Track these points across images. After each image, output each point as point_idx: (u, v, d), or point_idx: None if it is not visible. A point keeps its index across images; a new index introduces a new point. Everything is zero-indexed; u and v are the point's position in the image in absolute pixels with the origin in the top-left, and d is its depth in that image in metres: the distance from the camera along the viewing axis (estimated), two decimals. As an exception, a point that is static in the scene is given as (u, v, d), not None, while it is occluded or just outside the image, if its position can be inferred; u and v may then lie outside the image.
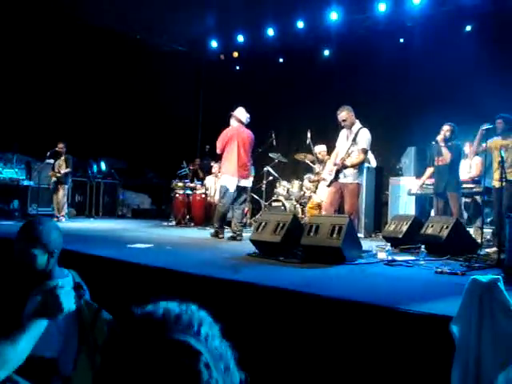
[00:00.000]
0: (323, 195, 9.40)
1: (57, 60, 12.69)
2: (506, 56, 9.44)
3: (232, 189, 8.28)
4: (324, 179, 9.55)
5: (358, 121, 7.17)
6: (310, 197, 9.99)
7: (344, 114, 7.09)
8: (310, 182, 10.27)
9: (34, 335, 1.94)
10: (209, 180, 11.75)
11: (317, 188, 9.88)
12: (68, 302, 2.06)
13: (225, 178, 8.38)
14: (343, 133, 7.31)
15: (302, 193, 10.33)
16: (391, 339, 3.15)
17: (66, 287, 2.13)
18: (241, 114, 8.61)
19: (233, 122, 8.58)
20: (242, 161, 8.31)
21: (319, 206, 9.34)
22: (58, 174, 11.14)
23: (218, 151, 8.51)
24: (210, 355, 0.92)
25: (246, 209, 10.88)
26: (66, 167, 11.17)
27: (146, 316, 1.00)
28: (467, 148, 8.66)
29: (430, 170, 8.26)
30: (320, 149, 10.06)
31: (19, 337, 1.91)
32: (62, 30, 12.33)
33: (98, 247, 6.19)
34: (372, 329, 3.27)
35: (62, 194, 11.13)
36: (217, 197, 11.59)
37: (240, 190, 8.47)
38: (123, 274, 4.95)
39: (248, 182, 8.78)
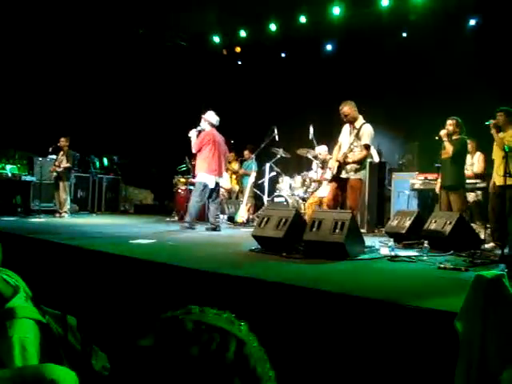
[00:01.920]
0: (324, 193, 9.39)
1: (59, 55, 12.68)
2: (508, 51, 9.41)
3: (211, 185, 8.98)
4: (326, 179, 9.56)
5: (361, 116, 7.14)
6: (312, 192, 9.95)
7: (346, 108, 7.05)
8: (312, 181, 10.23)
9: None
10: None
11: (319, 187, 9.86)
12: None
13: (204, 175, 8.93)
14: (346, 128, 7.27)
15: (305, 188, 10.31)
16: (394, 335, 3.14)
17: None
18: (212, 117, 9.22)
19: (205, 125, 9.16)
20: (220, 160, 9.12)
21: (320, 202, 9.31)
22: (58, 169, 11.12)
23: (194, 151, 9.09)
24: None
25: (249, 204, 10.88)
26: (67, 162, 11.15)
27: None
28: (470, 144, 8.62)
29: None
30: (321, 149, 10.02)
31: None
32: (65, 25, 12.30)
33: (100, 243, 6.19)
34: (375, 324, 3.26)
35: (62, 190, 11.11)
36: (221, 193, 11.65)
37: (216, 186, 9.20)
38: (125, 270, 4.95)
39: (222, 180, 9.81)
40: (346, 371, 3.22)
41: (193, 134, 9.08)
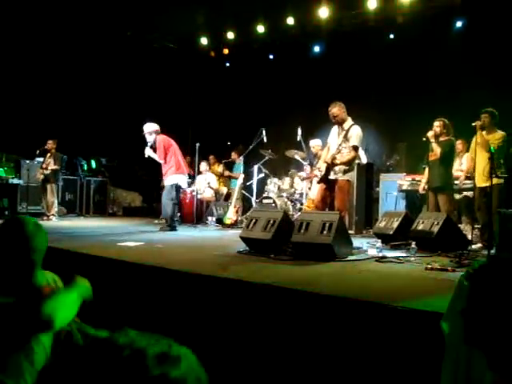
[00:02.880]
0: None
1: (46, 58, 12.60)
2: (495, 52, 9.48)
3: (184, 184, 9.38)
4: (316, 175, 9.56)
5: (349, 118, 7.15)
6: (306, 194, 9.95)
7: (335, 110, 7.06)
8: (301, 180, 10.26)
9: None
10: (198, 178, 11.76)
11: (311, 184, 9.87)
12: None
13: (177, 177, 9.01)
14: (334, 129, 7.28)
15: (293, 190, 10.32)
16: (382, 336, 3.15)
17: None
18: (153, 126, 9.19)
19: (152, 137, 9.08)
20: (182, 158, 9.31)
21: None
22: (46, 171, 11.05)
23: (161, 159, 8.98)
24: None
25: (238, 206, 10.88)
26: (55, 164, 11.07)
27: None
28: (460, 145, 8.67)
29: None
30: (315, 143, 10.02)
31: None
32: (52, 27, 12.23)
33: (88, 246, 6.16)
34: (363, 325, 3.26)
35: (50, 193, 11.04)
36: (207, 194, 11.64)
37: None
38: (113, 273, 4.93)
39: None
40: (335, 372, 3.23)
41: (148, 151, 9.02)
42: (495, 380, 1.59)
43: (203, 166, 12.00)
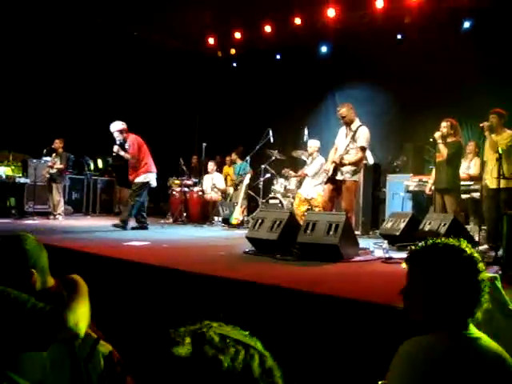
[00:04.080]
0: (308, 191, 9.37)
1: (54, 57, 12.63)
2: (504, 53, 9.43)
3: (154, 183, 9.20)
4: (306, 175, 9.54)
5: (357, 118, 7.16)
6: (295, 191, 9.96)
7: (344, 110, 7.07)
8: (291, 176, 10.25)
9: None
10: (205, 178, 11.77)
11: (300, 184, 9.85)
12: None
13: (149, 175, 9.01)
14: (342, 130, 7.29)
15: (284, 186, 10.33)
16: (389, 337, 3.13)
17: None
18: (122, 124, 9.07)
19: (121, 135, 8.99)
20: (151, 157, 9.24)
21: (307, 201, 9.30)
22: (51, 170, 11.05)
23: (133, 158, 8.96)
24: None
25: (244, 206, 10.88)
26: (61, 163, 11.08)
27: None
28: (471, 146, 8.63)
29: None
30: (312, 143, 9.90)
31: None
32: (59, 26, 12.26)
33: (94, 245, 6.17)
34: (369, 326, 3.25)
35: (56, 192, 11.04)
36: (213, 194, 11.64)
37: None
38: (119, 272, 4.93)
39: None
40: (341, 372, 3.21)
41: (117, 149, 8.94)
42: None
43: (210, 165, 12.00)
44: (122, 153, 8.93)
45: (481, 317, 1.79)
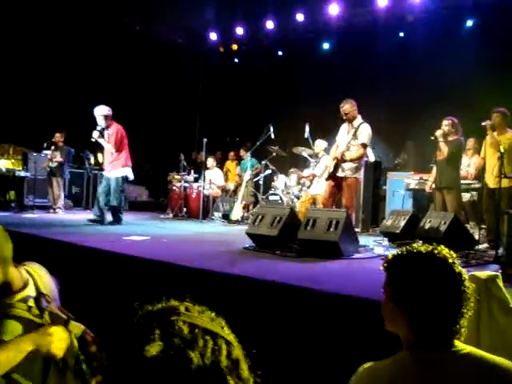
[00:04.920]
0: (316, 189, 9.37)
1: (54, 50, 12.60)
2: (507, 51, 9.41)
3: (131, 177, 8.83)
4: (315, 175, 9.53)
5: (359, 115, 7.16)
6: (303, 191, 9.94)
7: (347, 106, 7.08)
8: (299, 177, 10.24)
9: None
10: (206, 174, 11.76)
11: (311, 183, 9.84)
12: None
13: (127, 169, 8.66)
14: (344, 127, 7.30)
15: (300, 187, 10.30)
16: (388, 335, 3.12)
17: None
18: (108, 109, 8.57)
19: (104, 121, 8.47)
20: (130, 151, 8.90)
21: (313, 200, 9.30)
22: (51, 164, 11.03)
23: (113, 148, 8.52)
24: None
25: (245, 202, 10.88)
26: (60, 157, 11.04)
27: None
28: (470, 143, 8.61)
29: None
30: (319, 143, 9.93)
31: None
32: (61, 20, 12.25)
33: (94, 239, 6.16)
34: (369, 324, 3.24)
35: (56, 186, 11.02)
36: (214, 190, 11.61)
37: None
38: (118, 267, 4.92)
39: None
40: (339, 370, 3.21)
41: (97, 135, 8.45)
42: None
43: (210, 161, 11.97)
44: (101, 140, 8.51)
45: (465, 331, 1.65)
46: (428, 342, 1.62)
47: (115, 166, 8.57)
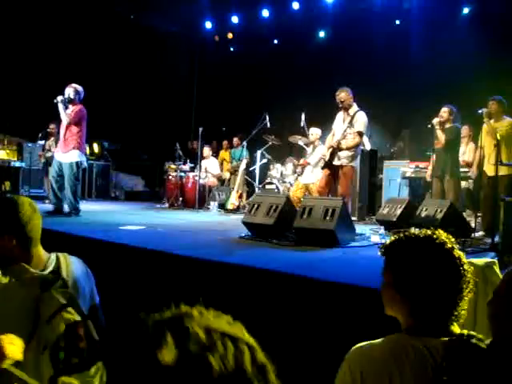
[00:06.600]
0: (308, 178, 9.35)
1: (48, 40, 12.52)
2: (503, 38, 9.38)
3: (85, 164, 8.35)
4: (309, 163, 9.50)
5: (355, 104, 7.15)
6: (295, 179, 9.93)
7: (343, 94, 7.07)
8: (294, 165, 10.22)
9: None
10: (202, 163, 11.73)
11: (303, 170, 9.81)
12: None
13: (78, 153, 8.00)
14: (340, 115, 7.28)
15: (296, 175, 10.28)
16: (384, 322, 3.12)
17: None
18: (82, 91, 8.27)
19: (74, 95, 8.12)
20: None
21: (306, 188, 9.27)
22: (47, 154, 10.98)
23: (68, 122, 7.98)
24: None
25: (240, 191, 10.85)
26: (55, 147, 10.99)
27: None
28: (464, 130, 8.60)
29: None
30: (313, 131, 9.87)
31: None
32: (54, 9, 12.16)
33: (90, 229, 6.14)
34: (365, 311, 3.24)
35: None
36: (210, 179, 11.59)
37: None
38: (114, 256, 4.91)
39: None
40: (335, 357, 3.20)
41: (61, 99, 7.98)
42: None
43: (206, 151, 11.94)
44: (60, 107, 7.95)
45: (465, 314, 1.66)
46: (426, 326, 1.63)
47: (68, 143, 7.97)
